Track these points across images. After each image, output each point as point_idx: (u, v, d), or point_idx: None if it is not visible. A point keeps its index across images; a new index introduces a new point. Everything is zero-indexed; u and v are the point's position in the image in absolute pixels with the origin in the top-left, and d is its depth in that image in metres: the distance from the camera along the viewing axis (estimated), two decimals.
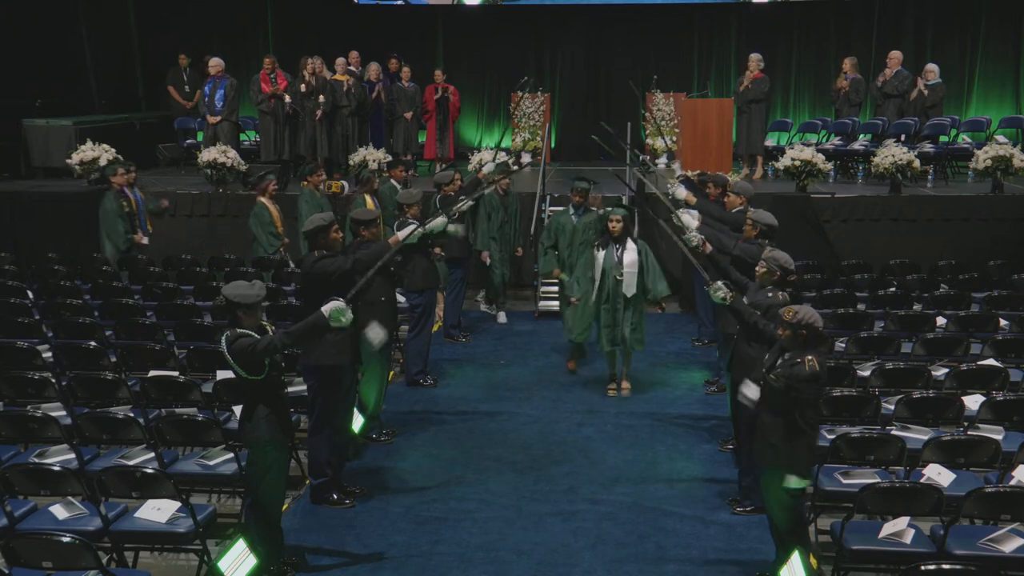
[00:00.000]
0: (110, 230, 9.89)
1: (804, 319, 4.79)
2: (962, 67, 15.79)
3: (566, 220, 9.01)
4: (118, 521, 5.10)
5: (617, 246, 7.87)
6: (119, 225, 9.87)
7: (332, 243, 6.04)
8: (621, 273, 7.82)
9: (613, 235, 7.90)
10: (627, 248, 7.88)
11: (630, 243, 7.92)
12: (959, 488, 5.22)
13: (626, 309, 7.89)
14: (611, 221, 7.84)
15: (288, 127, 12.51)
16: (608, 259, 7.85)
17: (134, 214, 9.97)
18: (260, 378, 5.03)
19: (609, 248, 7.87)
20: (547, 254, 8.98)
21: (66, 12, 14.73)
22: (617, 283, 7.84)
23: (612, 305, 7.89)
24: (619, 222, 7.83)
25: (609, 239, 7.92)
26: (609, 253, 7.86)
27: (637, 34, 16.32)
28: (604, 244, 7.93)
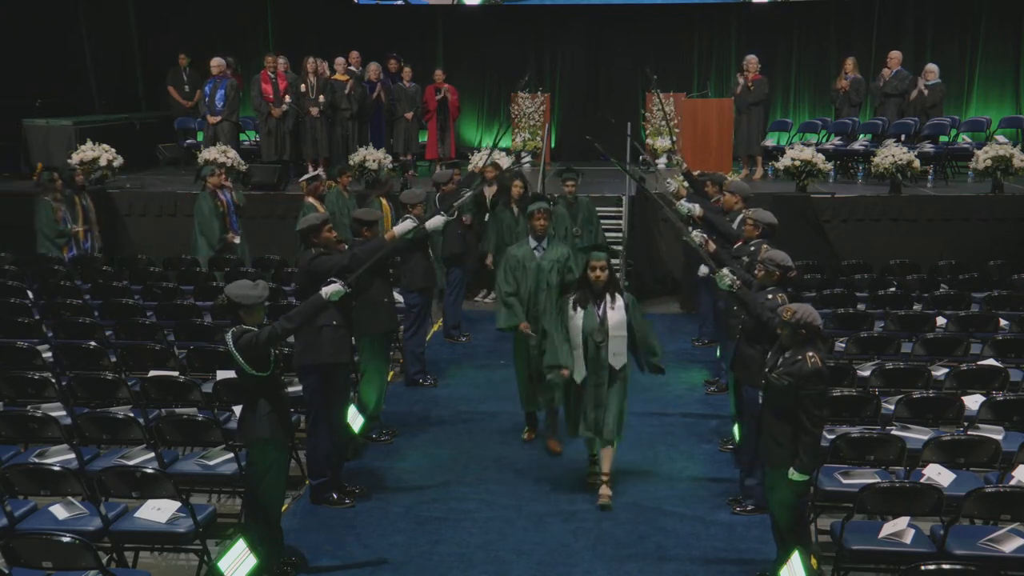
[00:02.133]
0: (206, 230, 10.05)
1: (803, 318, 4.80)
2: (962, 67, 15.79)
3: (526, 256, 6.92)
4: (118, 521, 5.10)
5: (599, 303, 6.04)
6: (215, 225, 10.00)
7: (326, 241, 6.08)
8: (606, 338, 5.99)
9: (594, 287, 6.03)
10: (613, 305, 6.02)
11: (616, 298, 6.03)
12: (959, 488, 5.22)
13: (610, 385, 6.04)
14: (592, 269, 5.97)
15: (288, 127, 12.54)
16: (588, 321, 6.00)
17: (226, 214, 10.07)
18: (265, 375, 5.04)
19: (589, 307, 6.03)
20: (509, 304, 6.84)
21: (66, 12, 14.74)
22: (600, 351, 6.01)
23: (595, 380, 6.05)
24: (603, 271, 5.97)
25: (588, 294, 6.05)
26: (590, 313, 6.01)
27: (637, 34, 16.32)
28: (582, 301, 6.03)
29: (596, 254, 6.04)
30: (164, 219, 11.63)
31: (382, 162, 11.80)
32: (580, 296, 6.08)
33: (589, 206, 9.86)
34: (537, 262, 6.84)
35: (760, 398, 5.17)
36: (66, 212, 10.08)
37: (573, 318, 6.03)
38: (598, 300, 6.02)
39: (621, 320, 5.99)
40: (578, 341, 6.00)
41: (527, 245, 6.93)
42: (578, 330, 6.01)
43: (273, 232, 11.22)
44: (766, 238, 6.54)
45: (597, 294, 6.02)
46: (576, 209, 9.68)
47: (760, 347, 5.51)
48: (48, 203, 9.96)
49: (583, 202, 9.82)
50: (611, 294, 6.02)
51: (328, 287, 5.16)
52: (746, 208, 7.53)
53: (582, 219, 9.67)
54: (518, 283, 6.84)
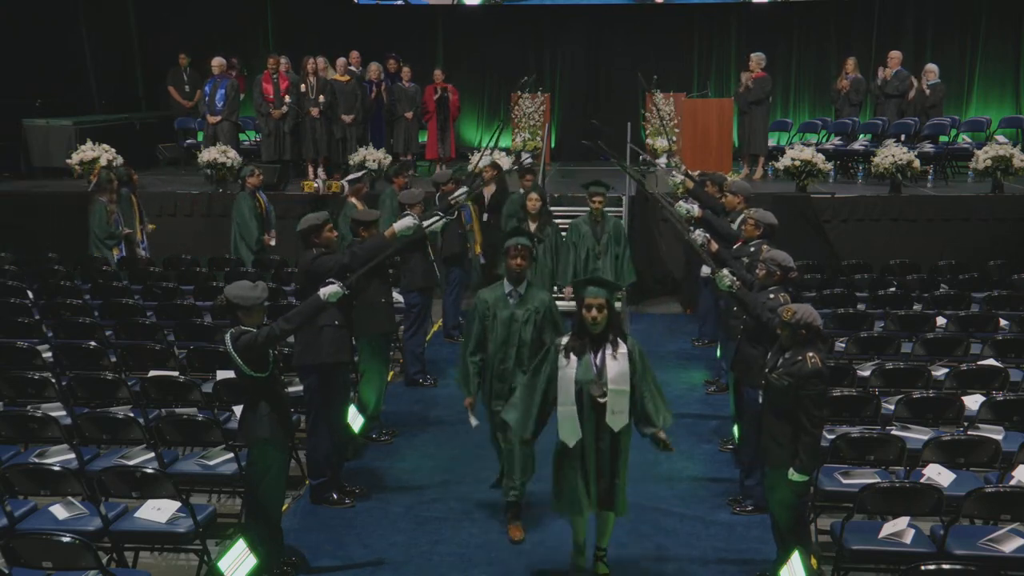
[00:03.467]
0: (244, 231, 10.04)
1: (803, 318, 4.80)
2: (962, 67, 15.80)
3: (497, 302, 5.70)
4: (118, 521, 5.10)
5: (597, 350, 4.92)
6: (253, 226, 10.00)
7: (327, 241, 6.08)
8: (604, 393, 4.85)
9: (591, 331, 4.91)
10: (615, 352, 4.89)
11: (618, 344, 4.91)
12: (959, 488, 5.22)
13: (610, 451, 4.95)
14: (588, 308, 4.86)
15: (287, 127, 12.54)
16: (584, 371, 4.87)
17: (264, 215, 10.08)
18: (264, 375, 5.04)
19: (585, 355, 4.91)
20: (464, 369, 5.80)
21: (66, 12, 14.73)
22: (596, 409, 4.88)
23: (590, 445, 4.94)
24: (600, 310, 4.85)
25: (584, 339, 4.93)
26: (586, 363, 4.88)
27: (637, 34, 16.32)
28: (577, 348, 4.92)
29: (593, 290, 4.84)
30: (164, 219, 11.61)
31: (382, 162, 11.79)
32: (573, 343, 4.93)
33: (618, 226, 8.95)
34: (510, 311, 5.62)
35: (760, 398, 5.17)
36: (119, 214, 10.05)
37: (565, 368, 4.89)
38: (596, 346, 4.89)
39: (624, 371, 4.86)
40: (570, 396, 4.86)
41: (500, 289, 5.71)
42: (570, 383, 4.86)
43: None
44: (766, 238, 6.55)
45: (595, 339, 4.89)
46: (602, 228, 8.79)
47: (761, 347, 5.51)
48: (103, 204, 9.93)
49: (611, 221, 8.89)
50: (612, 339, 4.90)
51: (326, 288, 5.17)
52: (747, 208, 7.55)
53: (607, 239, 8.75)
54: (486, 335, 5.70)
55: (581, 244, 8.70)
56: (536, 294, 5.70)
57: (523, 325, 5.62)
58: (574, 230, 8.79)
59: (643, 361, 4.94)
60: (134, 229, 10.25)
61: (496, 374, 5.69)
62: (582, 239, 8.68)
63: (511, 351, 5.62)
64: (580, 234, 8.65)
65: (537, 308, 5.64)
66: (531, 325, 5.61)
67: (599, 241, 8.72)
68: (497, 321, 5.64)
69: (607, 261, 8.72)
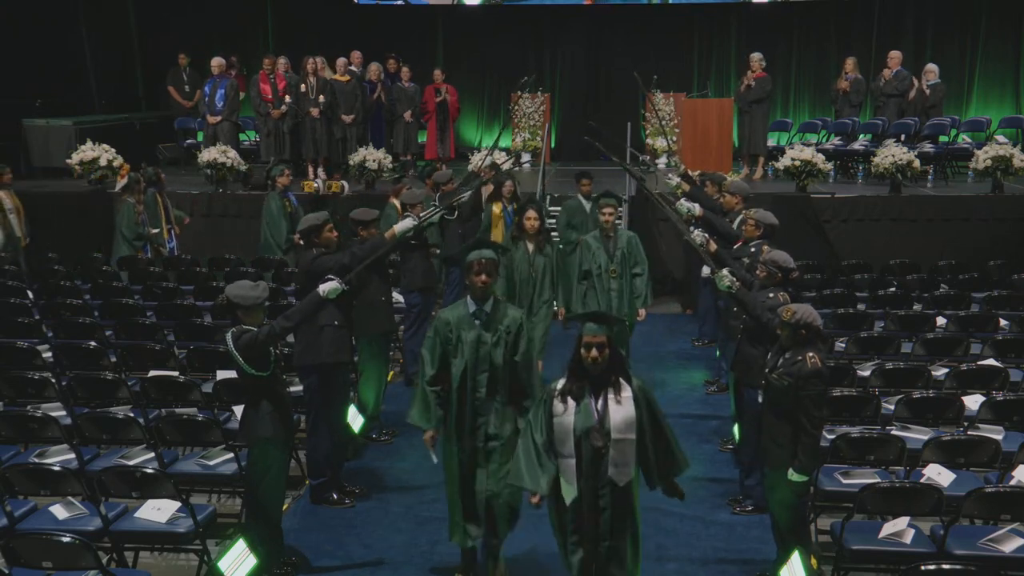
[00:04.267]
0: (274, 230, 10.04)
1: (803, 318, 4.80)
2: (962, 67, 15.81)
3: (461, 322, 5.02)
4: (118, 521, 5.10)
5: (598, 394, 4.27)
6: (282, 225, 10.01)
7: (327, 241, 6.09)
8: (607, 444, 4.22)
9: (592, 369, 4.24)
10: (618, 396, 4.26)
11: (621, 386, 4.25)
12: (959, 488, 5.22)
13: (614, 508, 4.32)
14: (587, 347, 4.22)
15: (285, 127, 12.54)
16: (583, 418, 4.24)
17: (293, 214, 10.07)
18: (266, 374, 5.05)
19: (586, 399, 4.26)
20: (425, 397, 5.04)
21: (66, 12, 14.74)
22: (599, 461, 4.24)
23: (590, 503, 4.30)
24: (601, 349, 4.21)
25: (584, 381, 4.28)
26: (585, 409, 4.25)
27: (637, 34, 16.33)
28: (575, 391, 4.28)
29: (592, 327, 4.23)
30: None
31: (382, 162, 11.80)
32: (571, 384, 4.30)
33: (633, 242, 7.74)
34: (477, 332, 4.96)
35: (760, 398, 5.17)
36: (145, 214, 10.05)
37: (561, 415, 4.27)
38: (596, 390, 4.26)
39: (629, 417, 4.24)
40: (568, 447, 4.27)
41: (464, 307, 5.03)
42: (568, 432, 4.25)
43: None
44: (766, 238, 6.55)
45: (595, 381, 4.27)
46: (614, 244, 7.64)
47: (761, 347, 5.51)
48: (131, 205, 9.94)
49: (624, 236, 7.78)
50: (614, 381, 4.26)
51: (325, 284, 5.19)
52: (746, 208, 7.55)
53: (621, 257, 7.62)
54: (449, 360, 5.00)
55: (590, 263, 7.57)
56: (505, 312, 5.03)
57: (493, 348, 4.94)
58: (582, 248, 7.72)
59: (651, 404, 4.33)
60: (160, 229, 10.24)
61: (471, 406, 4.97)
62: (592, 257, 7.56)
63: (482, 378, 4.95)
64: (590, 252, 7.58)
65: (508, 327, 4.96)
66: (502, 347, 4.94)
67: (612, 259, 7.59)
68: (463, 344, 4.96)
69: (622, 282, 7.62)
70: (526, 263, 7.58)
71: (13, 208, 10.22)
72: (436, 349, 5.02)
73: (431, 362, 5.02)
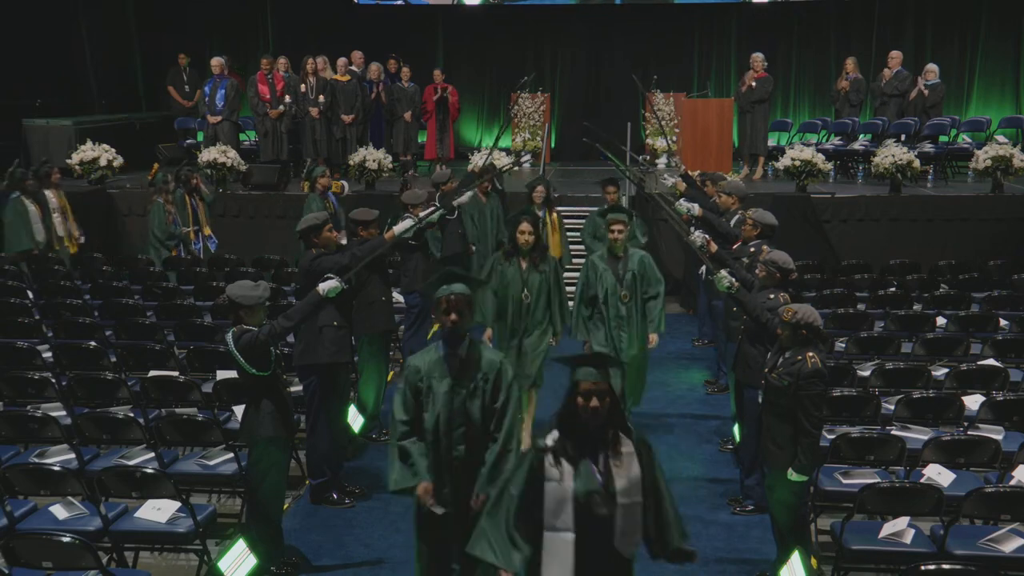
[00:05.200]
0: None
1: (803, 319, 4.80)
2: (962, 67, 15.80)
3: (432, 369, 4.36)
4: (118, 521, 5.10)
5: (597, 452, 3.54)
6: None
7: (326, 241, 6.10)
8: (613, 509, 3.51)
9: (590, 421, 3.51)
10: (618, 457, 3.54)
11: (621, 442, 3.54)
12: (959, 488, 5.22)
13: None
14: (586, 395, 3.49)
15: (284, 127, 12.55)
16: (583, 482, 3.50)
17: (334, 215, 10.03)
18: (266, 374, 5.05)
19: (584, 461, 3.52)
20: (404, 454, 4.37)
21: (66, 12, 14.73)
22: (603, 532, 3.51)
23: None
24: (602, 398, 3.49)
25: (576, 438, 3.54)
26: (585, 471, 3.51)
27: (637, 34, 16.32)
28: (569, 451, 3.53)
29: (584, 370, 3.51)
30: None
31: (382, 162, 11.80)
32: (564, 443, 3.54)
33: (646, 262, 6.87)
34: (450, 381, 4.31)
35: (760, 398, 5.17)
36: (176, 215, 10.04)
37: (556, 480, 3.50)
38: (595, 449, 3.53)
39: (635, 477, 3.52)
40: (564, 519, 3.50)
41: (435, 352, 4.37)
42: (566, 501, 3.49)
43: (273, 232, 11.23)
44: (765, 239, 6.54)
45: (593, 438, 3.53)
46: (624, 265, 6.80)
47: (762, 347, 5.51)
48: (161, 205, 9.90)
49: (636, 255, 6.88)
50: (613, 435, 3.54)
51: (325, 283, 5.20)
52: (743, 208, 7.55)
53: (632, 280, 6.77)
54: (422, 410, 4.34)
55: (597, 285, 6.76)
56: (481, 355, 4.34)
57: (468, 399, 4.28)
58: (587, 269, 6.88)
59: (652, 461, 3.60)
60: (188, 230, 10.22)
61: (448, 466, 4.31)
62: (599, 279, 6.75)
63: (458, 434, 4.29)
64: (596, 274, 6.76)
65: (485, 375, 4.29)
66: (479, 399, 4.28)
67: (621, 282, 6.76)
68: (434, 396, 4.29)
69: (632, 308, 6.78)
70: (519, 282, 6.63)
71: (59, 207, 10.22)
72: (408, 402, 4.34)
73: (403, 415, 4.33)
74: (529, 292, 6.63)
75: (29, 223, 9.80)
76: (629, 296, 6.75)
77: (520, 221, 6.66)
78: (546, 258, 6.78)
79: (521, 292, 6.62)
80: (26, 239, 9.80)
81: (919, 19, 15.95)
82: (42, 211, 9.93)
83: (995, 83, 15.83)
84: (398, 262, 8.42)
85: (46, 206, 10.02)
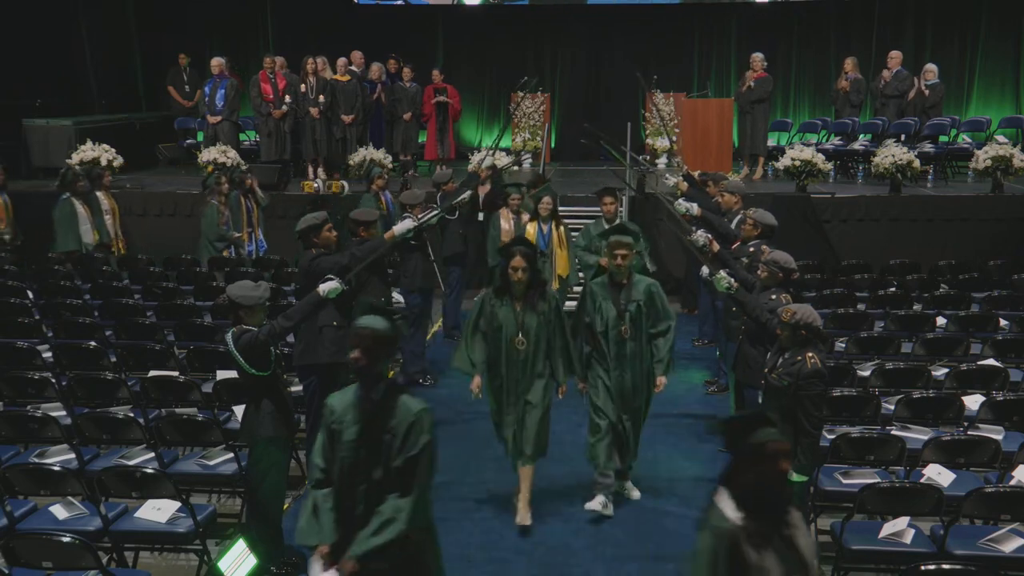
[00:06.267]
0: None
1: (803, 319, 4.80)
2: (962, 67, 15.79)
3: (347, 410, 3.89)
4: (118, 521, 5.10)
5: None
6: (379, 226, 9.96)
7: (326, 241, 6.10)
8: None
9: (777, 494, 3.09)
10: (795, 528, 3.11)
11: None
12: (959, 488, 5.22)
13: None
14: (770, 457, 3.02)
15: (286, 127, 12.54)
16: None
17: (387, 216, 10.04)
18: (266, 374, 5.05)
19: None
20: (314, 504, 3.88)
21: (66, 12, 14.73)
22: None
23: None
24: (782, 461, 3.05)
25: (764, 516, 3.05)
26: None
27: (637, 34, 16.32)
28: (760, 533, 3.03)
29: (769, 431, 3.05)
30: (164, 219, 11.64)
31: (382, 162, 11.79)
32: (752, 522, 3.02)
33: (653, 291, 5.83)
34: (357, 428, 3.84)
35: (760, 398, 5.17)
36: (229, 217, 10.04)
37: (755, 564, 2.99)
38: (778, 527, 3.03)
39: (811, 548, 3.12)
40: None
41: (352, 393, 3.90)
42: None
43: (273, 232, 11.22)
44: (765, 239, 6.55)
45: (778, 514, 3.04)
46: (628, 294, 5.79)
47: (762, 348, 5.52)
48: (215, 207, 9.89)
49: (643, 284, 5.85)
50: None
51: (325, 284, 5.21)
52: (745, 208, 7.55)
53: (636, 312, 5.76)
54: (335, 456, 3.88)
55: (595, 318, 5.83)
56: (398, 404, 3.85)
57: (371, 456, 3.78)
58: (586, 297, 6.02)
59: None
60: (241, 232, 10.22)
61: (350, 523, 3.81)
62: (598, 311, 5.80)
63: (360, 491, 3.81)
64: (595, 304, 5.83)
65: (395, 428, 3.80)
66: (383, 456, 3.78)
67: (623, 315, 5.76)
68: (341, 444, 3.83)
69: (637, 345, 5.81)
70: (513, 325, 5.70)
71: (109, 210, 10.29)
72: (324, 446, 3.87)
73: (319, 461, 3.88)
74: (524, 338, 5.66)
75: (76, 224, 9.89)
76: (631, 332, 5.77)
77: (513, 254, 5.65)
78: (545, 296, 5.75)
79: (515, 338, 5.68)
80: (72, 240, 9.88)
81: (919, 19, 15.94)
82: (92, 213, 10.00)
83: (995, 83, 15.82)
84: (398, 262, 8.42)
85: (97, 208, 10.07)
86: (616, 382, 5.81)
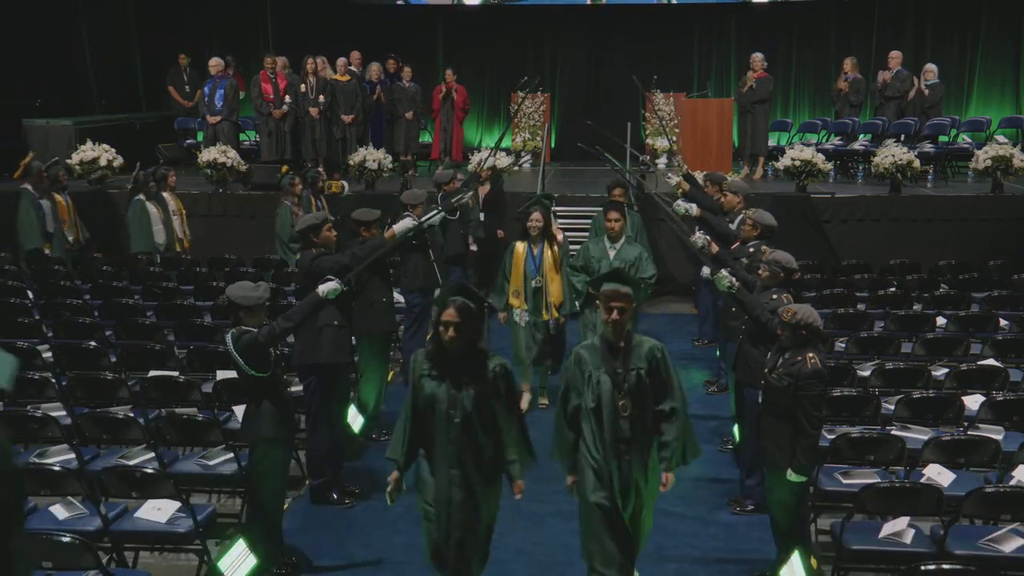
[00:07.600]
0: None
1: (803, 319, 4.80)
2: (962, 67, 15.81)
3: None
4: (118, 521, 5.10)
5: None
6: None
7: (326, 241, 6.10)
8: None
9: None
10: None
11: None
12: (959, 488, 5.22)
13: None
14: None
15: (287, 127, 12.55)
16: None
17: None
18: (266, 375, 5.05)
19: None
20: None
21: (66, 12, 14.73)
22: None
23: None
24: None
25: None
26: None
27: (637, 34, 16.33)
28: None
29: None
30: None
31: (382, 162, 11.80)
32: None
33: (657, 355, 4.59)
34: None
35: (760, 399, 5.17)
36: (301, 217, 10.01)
37: None
38: None
39: None
40: None
41: None
42: None
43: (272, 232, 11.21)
44: (765, 239, 6.55)
45: None
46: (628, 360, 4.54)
47: (762, 348, 5.52)
48: (288, 207, 9.79)
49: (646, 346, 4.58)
50: None
51: (325, 285, 5.22)
52: (746, 208, 7.55)
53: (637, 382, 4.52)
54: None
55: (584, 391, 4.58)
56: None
57: None
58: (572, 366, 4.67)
59: None
60: None
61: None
62: (588, 383, 4.55)
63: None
64: (584, 373, 4.57)
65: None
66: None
67: (621, 387, 4.50)
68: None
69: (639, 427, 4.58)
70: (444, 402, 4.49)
71: (176, 210, 10.32)
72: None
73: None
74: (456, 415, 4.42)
75: (149, 225, 9.98)
76: (630, 409, 4.50)
77: (447, 305, 4.41)
78: (485, 369, 4.46)
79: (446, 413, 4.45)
80: (144, 241, 9.96)
81: (919, 19, 15.96)
82: (163, 213, 10.07)
83: (995, 83, 15.83)
84: (398, 262, 8.42)
85: (166, 208, 10.14)
86: (614, 476, 4.55)
